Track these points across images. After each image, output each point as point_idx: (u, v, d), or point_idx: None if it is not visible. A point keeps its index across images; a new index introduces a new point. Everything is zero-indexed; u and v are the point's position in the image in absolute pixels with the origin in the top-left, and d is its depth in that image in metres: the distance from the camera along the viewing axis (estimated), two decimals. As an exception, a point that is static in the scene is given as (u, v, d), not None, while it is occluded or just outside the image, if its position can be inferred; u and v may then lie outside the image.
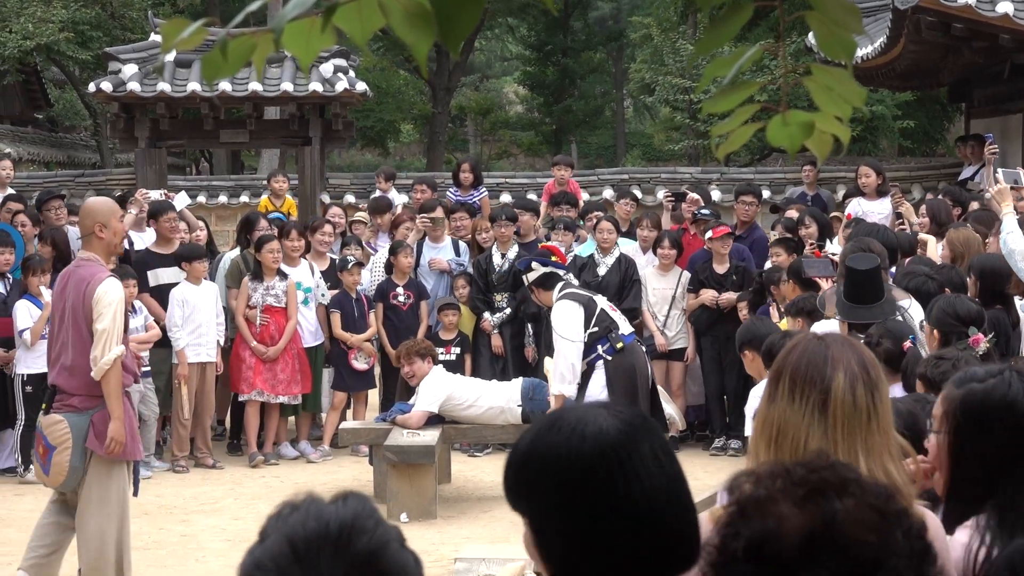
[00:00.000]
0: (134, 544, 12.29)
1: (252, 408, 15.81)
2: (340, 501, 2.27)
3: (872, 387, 3.77)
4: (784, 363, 3.83)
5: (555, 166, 20.10)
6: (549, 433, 2.77)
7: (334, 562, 2.17)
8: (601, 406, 2.81)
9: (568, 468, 2.71)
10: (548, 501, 2.75)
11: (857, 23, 2.85)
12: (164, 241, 16.23)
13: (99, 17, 32.54)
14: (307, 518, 2.22)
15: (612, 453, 2.69)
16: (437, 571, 10.84)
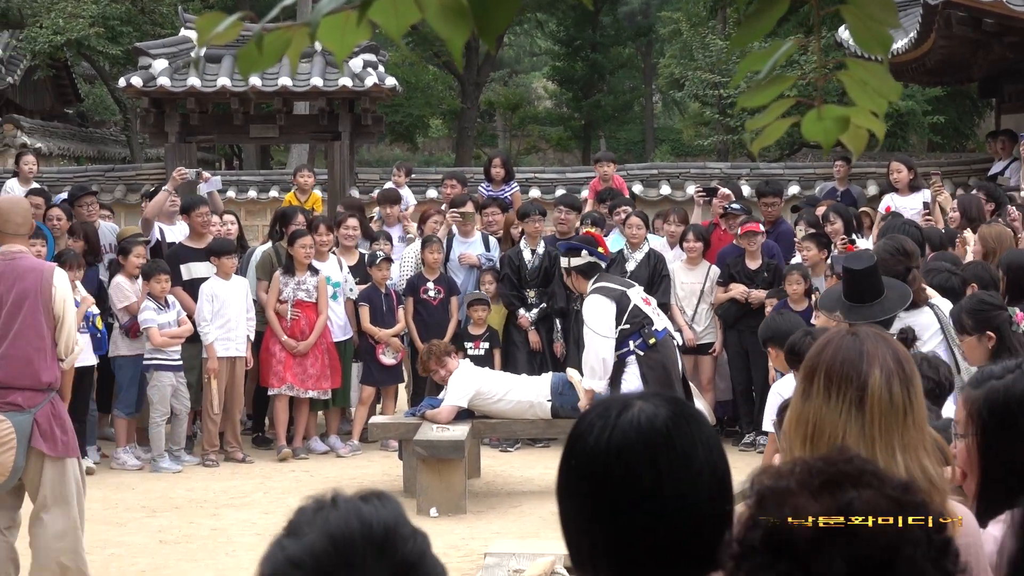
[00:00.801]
0: (165, 537, 12.38)
1: (281, 403, 15.85)
2: (376, 501, 2.24)
3: (908, 383, 3.74)
4: (818, 360, 3.80)
5: (598, 163, 20.04)
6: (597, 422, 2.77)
7: (379, 565, 2.15)
8: (650, 395, 2.81)
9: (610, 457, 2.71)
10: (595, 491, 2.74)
11: (893, 17, 2.84)
12: (197, 235, 16.29)
13: (129, 12, 32.62)
14: (349, 518, 2.19)
15: (660, 442, 2.69)
16: (467, 566, 10.85)
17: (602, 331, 12.96)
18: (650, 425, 2.71)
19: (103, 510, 13.56)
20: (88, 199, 17.15)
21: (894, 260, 9.50)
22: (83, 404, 15.19)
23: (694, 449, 2.71)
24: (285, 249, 16.01)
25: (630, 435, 2.71)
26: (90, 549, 12.03)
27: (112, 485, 14.65)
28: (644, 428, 2.71)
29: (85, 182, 20.89)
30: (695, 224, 16.98)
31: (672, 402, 2.79)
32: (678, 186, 23.11)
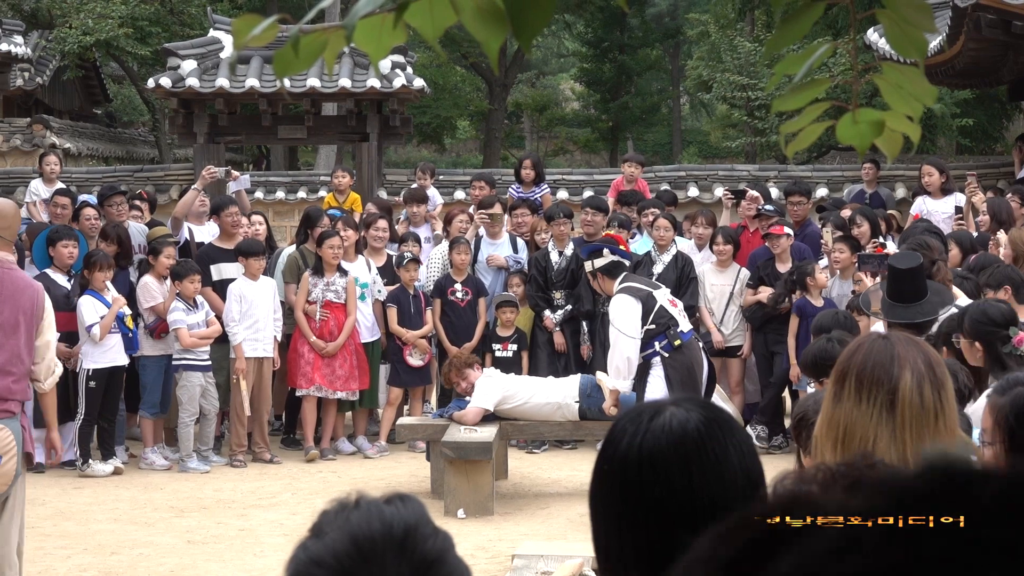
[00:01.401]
0: (193, 538, 12.40)
1: (309, 404, 15.87)
2: (398, 502, 2.24)
3: (939, 386, 3.72)
4: (849, 363, 3.78)
5: (625, 163, 20.10)
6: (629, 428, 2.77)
7: (400, 564, 2.14)
8: (683, 400, 2.81)
9: (643, 463, 2.71)
10: (626, 496, 2.74)
11: (929, 21, 2.83)
12: (227, 236, 16.33)
13: (158, 13, 32.71)
14: (370, 518, 2.18)
15: (692, 447, 2.69)
16: (494, 567, 10.85)
17: (627, 331, 12.95)
18: (682, 430, 2.70)
19: (131, 510, 13.61)
20: (118, 199, 17.19)
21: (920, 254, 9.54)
22: (113, 404, 15.27)
23: (726, 454, 2.70)
24: (311, 251, 16.04)
25: (661, 440, 2.70)
26: (118, 549, 12.12)
27: (140, 485, 14.70)
28: (676, 433, 2.70)
29: (114, 182, 20.94)
30: (724, 226, 16.98)
31: (705, 407, 2.78)
32: (706, 188, 23.09)
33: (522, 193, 18.59)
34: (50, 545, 12.33)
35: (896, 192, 21.56)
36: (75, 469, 15.15)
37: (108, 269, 15.19)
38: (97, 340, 14.91)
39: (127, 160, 32.29)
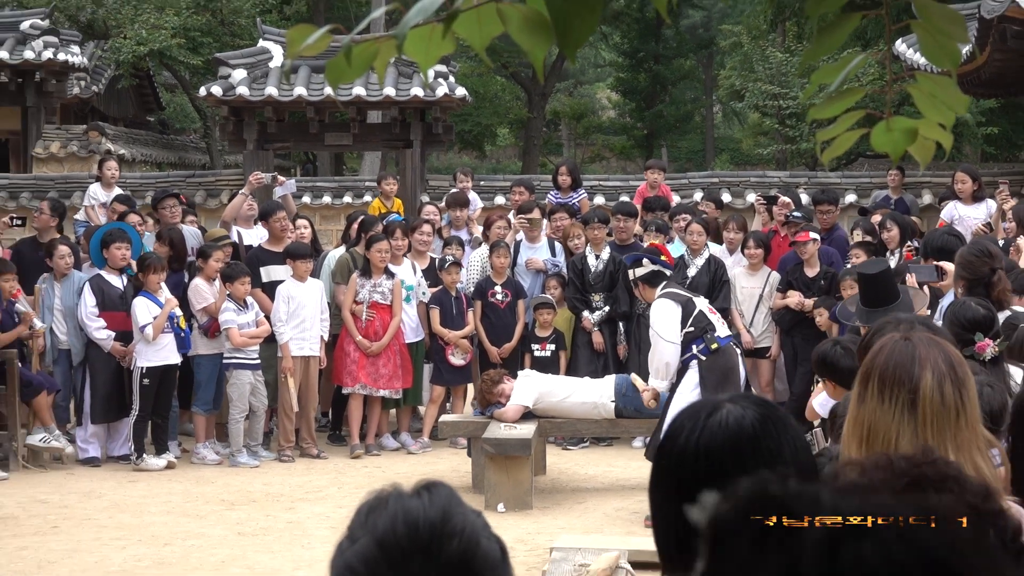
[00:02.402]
0: (243, 529, 12.43)
1: (355, 401, 15.90)
2: (425, 495, 2.22)
3: (960, 385, 3.70)
4: (872, 364, 3.76)
5: (648, 170, 20.15)
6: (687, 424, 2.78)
7: (426, 566, 2.14)
8: (740, 397, 2.83)
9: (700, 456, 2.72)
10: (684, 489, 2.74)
11: (962, 32, 2.82)
12: (275, 239, 16.37)
13: (209, 24, 32.83)
14: (396, 521, 2.18)
15: (747, 442, 2.71)
16: (533, 560, 10.85)
17: (667, 336, 12.95)
18: (737, 426, 2.73)
19: (183, 503, 13.65)
20: (170, 202, 17.26)
21: (979, 262, 9.20)
22: (166, 401, 15.32)
23: (780, 449, 2.73)
24: (360, 254, 16.07)
25: (718, 436, 2.73)
26: (171, 540, 12.16)
27: (192, 479, 14.73)
28: (732, 429, 2.73)
29: (166, 187, 21.01)
30: (756, 231, 16.99)
31: (761, 404, 2.81)
32: (738, 194, 23.05)
33: (560, 199, 18.59)
34: (106, 536, 12.38)
35: (923, 198, 21.50)
36: (130, 463, 15.21)
37: (161, 271, 15.24)
38: (150, 340, 14.95)
39: (179, 166, 32.41)
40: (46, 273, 15.88)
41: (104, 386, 15.30)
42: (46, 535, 12.44)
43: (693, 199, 21.24)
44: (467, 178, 20.25)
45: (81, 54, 29.20)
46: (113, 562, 11.52)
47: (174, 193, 18.03)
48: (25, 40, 27.54)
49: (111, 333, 15.25)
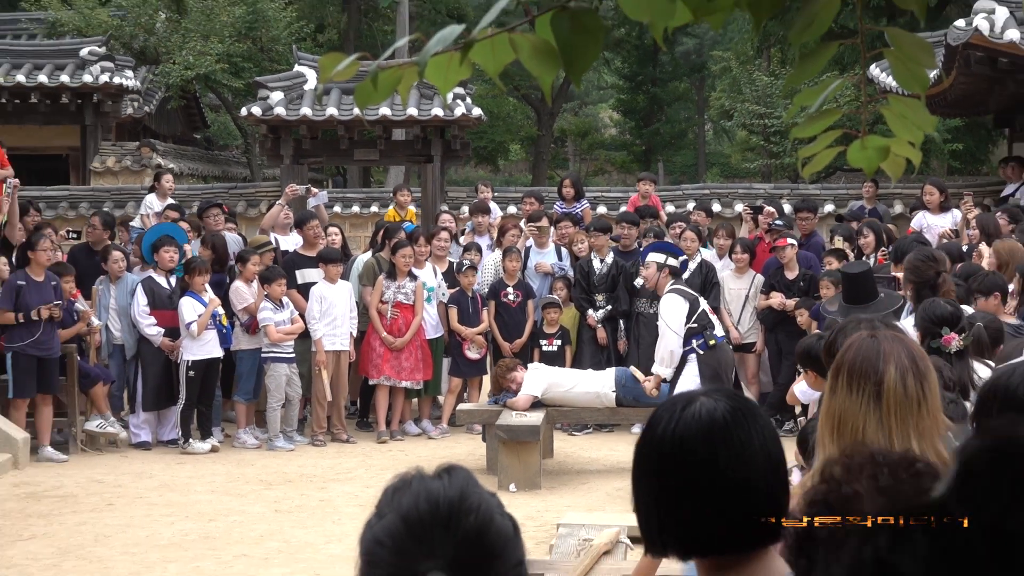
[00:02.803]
0: (280, 507, 12.43)
1: (382, 392, 15.92)
2: (445, 477, 2.25)
3: (921, 377, 3.70)
4: (842, 360, 3.75)
5: (640, 181, 20.27)
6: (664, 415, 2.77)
7: (445, 539, 2.16)
8: (713, 391, 2.82)
9: (676, 445, 2.71)
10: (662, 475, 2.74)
11: (930, 58, 2.81)
12: (309, 245, 16.42)
13: (250, 50, 32.82)
14: (419, 499, 2.21)
15: (719, 432, 2.69)
16: (542, 535, 10.84)
17: (674, 327, 13.15)
18: (710, 418, 2.70)
19: (226, 483, 13.66)
20: (214, 211, 17.30)
21: (925, 266, 9.30)
22: (210, 391, 15.35)
23: (750, 439, 2.69)
24: (385, 258, 16.10)
25: (692, 426, 2.70)
26: (215, 516, 12.16)
27: (233, 461, 14.75)
28: (704, 420, 2.70)
29: (211, 198, 21.03)
30: (742, 238, 17.07)
31: (732, 397, 2.78)
32: (727, 204, 23.06)
33: (564, 208, 18.60)
34: (156, 513, 12.39)
35: (894, 208, 21.51)
36: (178, 447, 15.22)
37: (205, 273, 15.28)
38: (195, 336, 14.98)
39: (222, 179, 32.40)
40: (102, 276, 15.92)
41: (154, 377, 15.33)
42: (102, 512, 12.46)
43: (686, 209, 21.25)
44: (488, 189, 20.35)
45: (134, 78, 29.23)
46: (163, 536, 11.54)
47: (217, 203, 18.06)
48: (84, 65, 27.58)
49: (161, 330, 15.27)
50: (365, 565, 2.22)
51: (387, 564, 2.17)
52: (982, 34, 18.33)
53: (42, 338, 14.53)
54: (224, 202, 19.58)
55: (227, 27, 32.04)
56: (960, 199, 18.51)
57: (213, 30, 31.78)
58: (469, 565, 2.16)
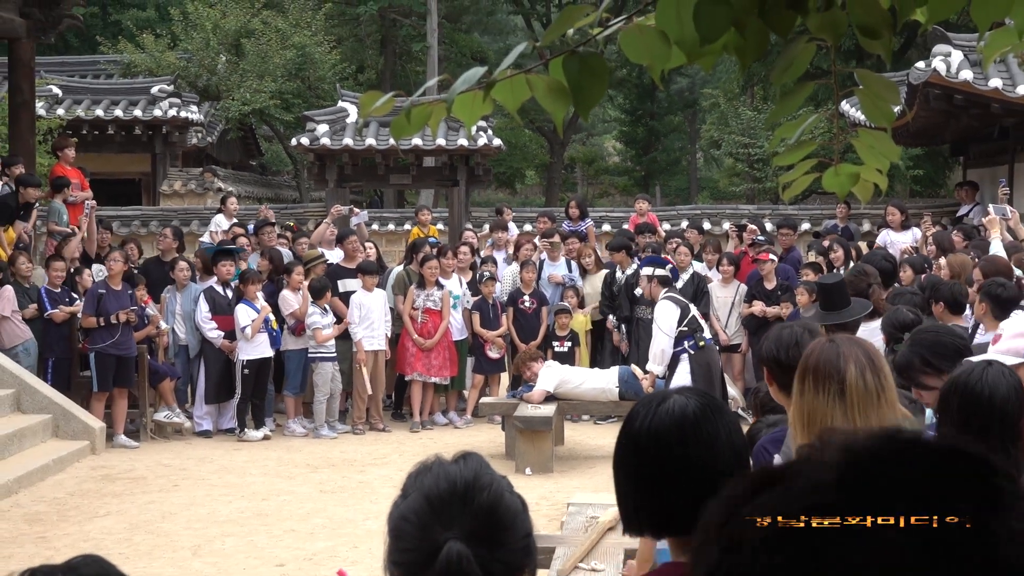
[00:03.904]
0: (324, 488, 12.42)
1: (415, 386, 15.93)
2: (461, 461, 2.29)
3: (878, 372, 3.66)
4: (807, 364, 3.73)
5: (637, 202, 20.58)
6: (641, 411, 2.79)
7: (462, 512, 2.19)
8: (686, 390, 2.82)
9: (651, 437, 2.71)
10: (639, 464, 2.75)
11: (895, 96, 2.81)
12: (349, 258, 16.44)
13: (299, 88, 32.91)
14: (439, 479, 2.24)
15: (689, 426, 2.70)
16: (554, 513, 10.82)
17: (665, 329, 13.19)
18: (682, 413, 2.71)
19: (277, 467, 13.67)
20: (268, 228, 17.36)
21: (858, 280, 9.99)
22: (263, 386, 15.37)
23: (717, 432, 2.70)
24: (415, 271, 16.13)
25: (666, 421, 2.71)
26: (267, 496, 12.17)
27: (283, 447, 14.75)
28: (677, 416, 2.71)
29: (265, 217, 21.07)
30: (728, 252, 17.14)
31: (702, 396, 2.79)
32: (716, 223, 23.05)
33: (571, 226, 18.63)
34: (216, 492, 12.40)
35: (863, 226, 21.49)
36: (235, 435, 15.24)
37: (258, 283, 15.33)
38: (249, 338, 15.02)
39: (275, 200, 32.45)
40: (169, 285, 15.95)
41: (214, 374, 15.36)
42: (168, 492, 12.47)
43: (680, 227, 21.24)
44: (509, 211, 20.44)
45: (198, 112, 29.35)
46: (221, 513, 11.55)
47: (271, 222, 18.11)
48: (155, 101, 27.71)
49: (221, 332, 15.30)
50: (393, 540, 2.24)
51: (412, 537, 2.20)
52: (940, 74, 18.34)
53: (120, 339, 14.60)
54: (276, 221, 19.63)
55: (279, 68, 32.13)
56: (920, 218, 18.53)
57: (267, 71, 31.87)
58: (483, 536, 2.18)
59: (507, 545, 2.22)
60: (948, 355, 5.40)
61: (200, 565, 9.93)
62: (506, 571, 2.21)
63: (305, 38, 33.06)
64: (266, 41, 32.41)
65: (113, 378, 14.66)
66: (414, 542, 2.20)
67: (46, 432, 14.03)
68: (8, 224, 16.31)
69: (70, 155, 18.29)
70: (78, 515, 11.51)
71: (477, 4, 40.94)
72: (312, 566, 9.87)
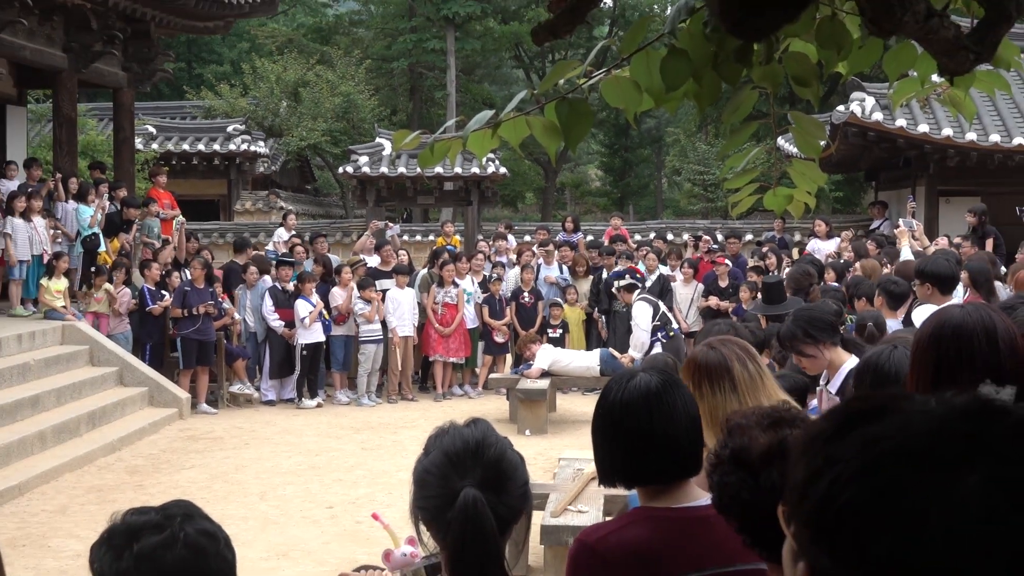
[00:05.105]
0: (365, 446, 12.41)
1: (438, 365, 15.92)
2: (472, 425, 2.31)
3: (753, 360, 3.53)
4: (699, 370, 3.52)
5: (612, 218, 20.83)
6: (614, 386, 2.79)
7: (475, 464, 2.21)
8: (650, 369, 2.82)
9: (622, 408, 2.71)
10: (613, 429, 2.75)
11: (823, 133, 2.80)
12: (385, 263, 16.42)
13: (345, 127, 32.87)
14: (455, 438, 2.27)
15: (653, 398, 2.69)
16: (548, 466, 10.82)
17: (643, 325, 13.23)
18: (647, 388, 2.71)
19: (327, 428, 13.66)
20: (320, 239, 17.37)
21: (802, 277, 9.99)
22: (316, 364, 15.36)
23: (675, 403, 2.71)
24: (436, 273, 16.12)
25: (634, 394, 2.71)
26: (319, 452, 12.17)
27: (332, 414, 14.75)
28: (643, 389, 2.71)
29: (318, 230, 21.07)
30: (688, 258, 17.13)
31: (663, 374, 2.79)
32: (677, 234, 23.00)
33: (565, 238, 18.65)
34: (279, 449, 12.41)
35: (795, 237, 21.45)
36: (294, 404, 15.23)
37: (312, 282, 15.32)
38: (306, 327, 15.01)
39: (325, 217, 32.44)
40: (241, 283, 15.95)
41: (277, 355, 15.34)
42: (241, 449, 12.47)
43: (649, 237, 21.26)
44: (508, 231, 20.46)
45: (264, 146, 29.32)
46: (283, 466, 11.55)
47: (323, 234, 18.11)
48: (230, 138, 27.71)
49: (283, 322, 15.28)
50: (418, 488, 2.27)
51: (434, 486, 2.22)
52: (856, 115, 18.33)
53: (202, 327, 14.61)
54: (327, 233, 19.62)
55: (329, 111, 32.08)
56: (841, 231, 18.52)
57: (319, 113, 31.84)
58: (492, 483, 2.21)
59: (510, 492, 2.23)
60: (824, 327, 5.34)
61: (266, 507, 9.93)
62: (509, 513, 2.23)
63: (350, 87, 33.02)
64: (319, 90, 32.35)
65: (196, 358, 14.67)
66: (436, 490, 2.21)
67: (143, 401, 14.04)
68: (114, 236, 16.35)
69: (162, 181, 18.38)
70: (169, 468, 11.51)
71: (487, 60, 40.85)
72: (355, 508, 9.87)
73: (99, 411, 12.86)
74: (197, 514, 2.15)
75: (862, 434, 1.06)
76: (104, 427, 12.77)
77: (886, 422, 1.06)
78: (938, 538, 0.97)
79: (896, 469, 1.01)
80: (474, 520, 2.15)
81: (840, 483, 1.03)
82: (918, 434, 1.03)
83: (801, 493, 1.08)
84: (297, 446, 12.60)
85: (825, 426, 1.11)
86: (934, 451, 1.01)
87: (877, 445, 1.04)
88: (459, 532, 2.15)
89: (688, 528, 2.67)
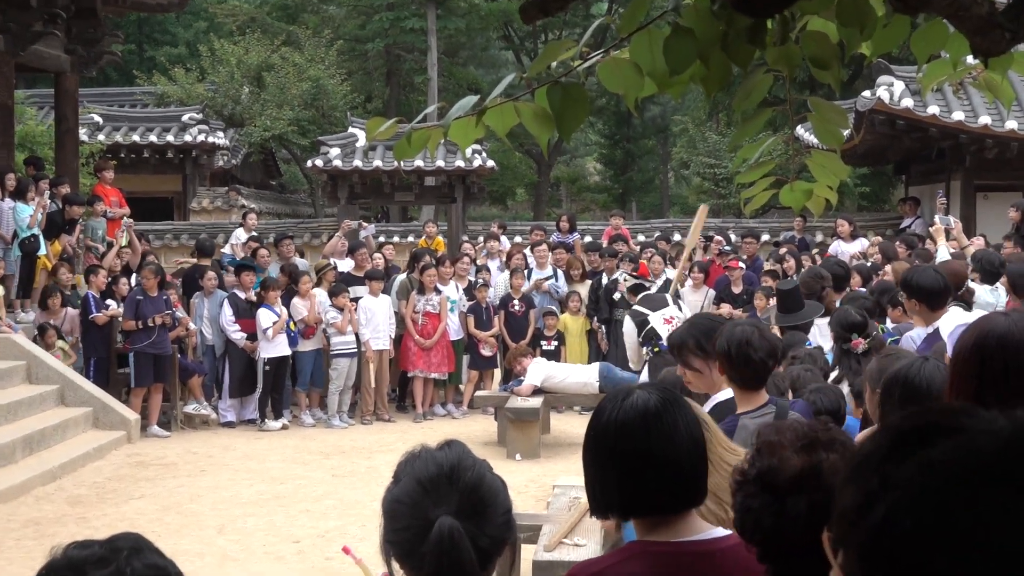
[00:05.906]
0: (335, 473, 12.38)
1: (418, 382, 15.90)
2: (446, 447, 2.31)
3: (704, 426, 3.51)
4: None
5: (612, 217, 20.77)
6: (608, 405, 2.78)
7: (450, 491, 2.21)
8: (649, 385, 2.81)
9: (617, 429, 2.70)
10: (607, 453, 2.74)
11: (844, 121, 2.80)
12: (359, 267, 16.43)
13: (314, 116, 32.86)
14: (428, 463, 2.26)
15: (652, 418, 2.67)
16: (541, 494, 10.80)
17: (630, 343, 13.20)
18: (644, 407, 2.69)
19: (294, 454, 13.64)
20: (286, 242, 17.31)
21: (813, 281, 10.01)
22: (281, 381, 15.34)
23: (677, 424, 2.68)
24: (416, 278, 16.12)
25: (630, 414, 2.69)
26: (284, 480, 12.14)
27: (299, 436, 14.74)
28: (640, 409, 2.69)
29: (284, 230, 21.06)
30: (698, 260, 17.05)
31: (663, 390, 2.77)
32: (685, 234, 23.01)
33: (560, 238, 18.66)
34: (238, 477, 12.37)
35: (817, 237, 21.49)
36: (256, 425, 15.21)
37: (276, 290, 15.31)
38: (270, 339, 14.99)
39: (292, 216, 32.42)
40: (198, 291, 15.93)
41: (238, 371, 15.33)
42: (196, 476, 12.44)
43: (654, 238, 21.28)
44: (501, 230, 20.47)
45: (224, 137, 29.32)
46: (243, 496, 11.52)
47: (289, 235, 18.08)
48: (185, 128, 27.68)
49: (243, 334, 15.27)
50: (388, 520, 2.27)
51: (406, 517, 2.22)
52: (884, 102, 18.38)
53: (157, 340, 14.62)
54: (293, 234, 19.60)
55: (296, 98, 32.08)
56: (866, 232, 18.58)
57: (285, 100, 31.83)
58: (470, 511, 2.20)
59: (491, 520, 2.23)
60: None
61: (224, 542, 9.90)
62: (491, 544, 2.22)
63: (319, 71, 33.01)
64: (284, 74, 32.36)
65: (152, 374, 14.66)
66: (408, 521, 2.21)
67: (87, 423, 13.99)
68: (55, 238, 16.30)
69: (109, 176, 18.35)
70: (115, 497, 11.47)
71: (472, 40, 40.85)
72: (324, 542, 9.85)
73: (37, 434, 12.82)
74: (147, 547, 2.14)
75: (920, 456, 1.07)
76: (43, 452, 12.72)
77: (946, 442, 1.07)
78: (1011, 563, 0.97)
79: (961, 492, 1.02)
80: (450, 553, 2.14)
81: (900, 508, 1.04)
82: (984, 455, 1.04)
83: (853, 520, 1.09)
84: (259, 473, 12.57)
85: (876, 448, 1.12)
86: (1005, 473, 1.02)
87: (939, 467, 1.05)
88: (435, 567, 2.15)
89: (691, 565, 2.64)
